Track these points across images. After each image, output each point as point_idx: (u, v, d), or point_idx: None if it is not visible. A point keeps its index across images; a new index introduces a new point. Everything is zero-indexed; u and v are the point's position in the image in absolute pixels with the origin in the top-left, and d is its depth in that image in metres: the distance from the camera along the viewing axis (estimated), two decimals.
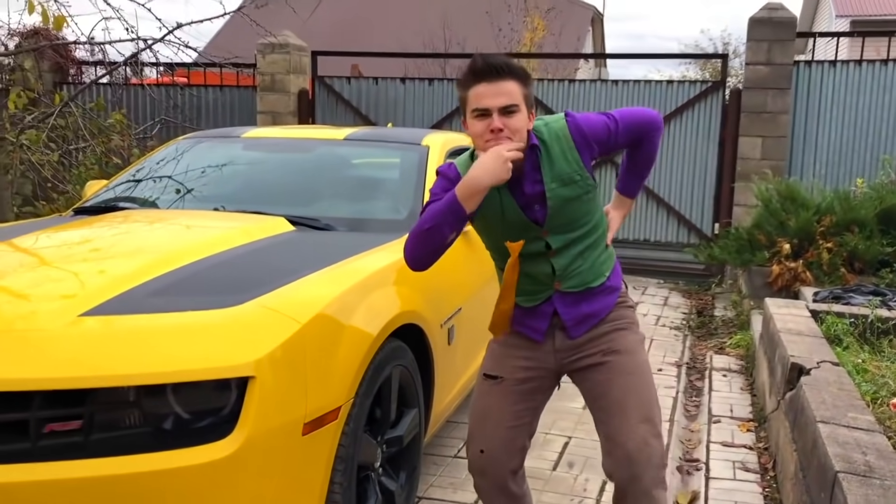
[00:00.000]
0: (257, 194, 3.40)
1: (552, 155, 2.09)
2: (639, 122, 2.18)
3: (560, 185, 2.09)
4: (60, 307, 2.09)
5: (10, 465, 1.86)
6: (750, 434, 3.76)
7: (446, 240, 2.06)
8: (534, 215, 2.11)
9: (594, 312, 2.20)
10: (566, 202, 2.10)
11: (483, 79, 2.01)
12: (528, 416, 2.26)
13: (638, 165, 2.29)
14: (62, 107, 5.99)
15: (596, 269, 2.20)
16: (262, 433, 1.92)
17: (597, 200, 2.20)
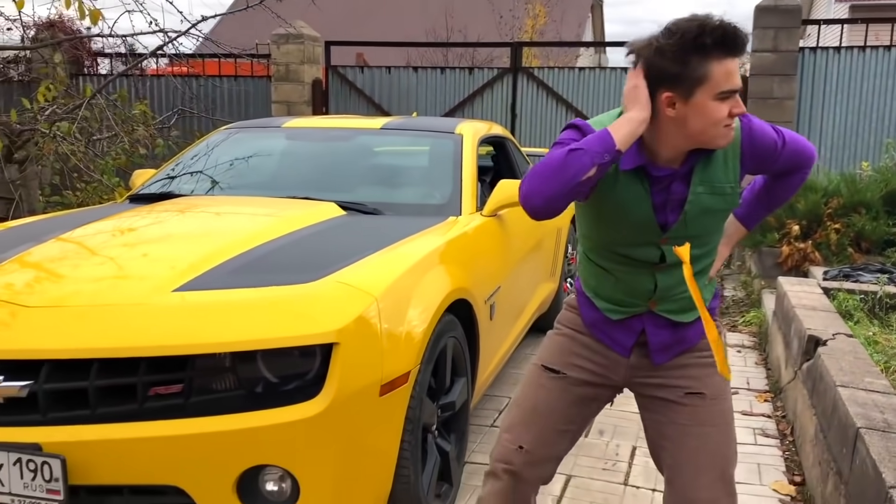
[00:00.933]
0: (304, 181, 3.59)
1: (712, 157, 1.78)
2: (801, 151, 1.91)
3: (708, 192, 1.79)
4: (155, 284, 2.29)
5: (121, 424, 2.08)
6: (767, 404, 3.99)
7: (586, 171, 1.62)
8: (663, 217, 1.81)
9: (684, 340, 1.93)
10: (704, 213, 1.80)
11: (735, 52, 1.65)
12: (578, 423, 2.02)
13: (774, 196, 2.00)
14: (91, 98, 6.17)
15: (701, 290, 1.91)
16: (346, 394, 2.13)
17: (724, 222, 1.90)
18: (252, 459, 2.08)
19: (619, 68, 8.09)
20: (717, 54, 1.62)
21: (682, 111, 1.67)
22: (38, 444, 2.04)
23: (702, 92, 1.64)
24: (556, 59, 16.53)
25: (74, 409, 2.11)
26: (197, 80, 8.71)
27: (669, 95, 1.66)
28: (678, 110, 1.67)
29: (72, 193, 6.99)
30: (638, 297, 1.90)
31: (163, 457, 2.06)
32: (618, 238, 1.85)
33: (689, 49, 1.62)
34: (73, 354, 2.09)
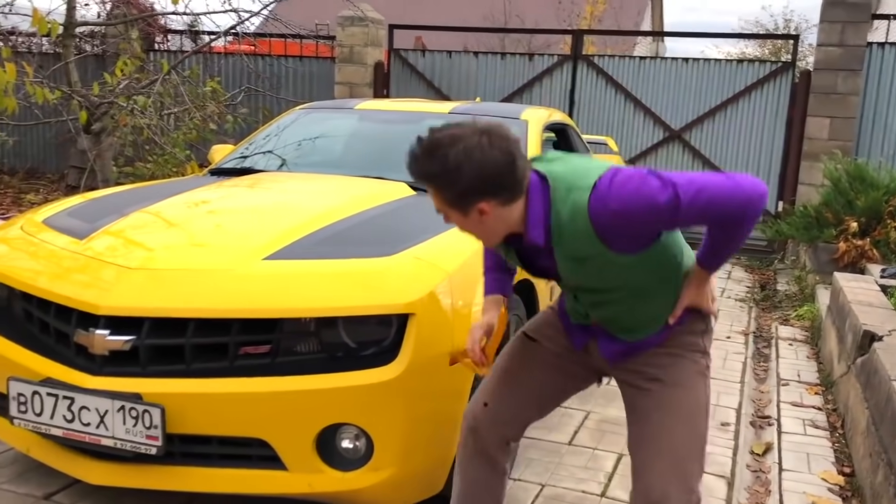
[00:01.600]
0: (377, 162, 3.75)
1: (563, 238, 1.74)
2: (721, 207, 1.65)
3: (573, 262, 1.77)
4: (246, 252, 2.47)
5: (213, 379, 2.26)
6: (818, 397, 4.04)
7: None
8: (543, 265, 1.85)
9: (636, 349, 1.94)
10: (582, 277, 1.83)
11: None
12: (550, 392, 2.08)
13: (718, 244, 1.80)
14: (166, 73, 6.42)
15: (645, 321, 1.90)
16: (419, 361, 2.28)
17: (653, 258, 1.80)
18: (331, 418, 2.25)
19: (680, 58, 8.08)
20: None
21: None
22: (139, 394, 2.24)
23: None
24: (613, 47, 16.43)
25: (172, 363, 2.30)
26: (264, 59, 8.94)
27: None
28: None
29: (144, 165, 7.28)
30: (579, 313, 1.99)
31: (250, 411, 2.25)
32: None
33: None
34: (172, 313, 2.28)
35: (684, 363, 1.92)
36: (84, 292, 2.37)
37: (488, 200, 1.67)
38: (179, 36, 9.68)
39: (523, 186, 1.71)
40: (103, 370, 2.30)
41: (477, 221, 1.72)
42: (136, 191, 3.40)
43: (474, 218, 1.71)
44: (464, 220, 1.73)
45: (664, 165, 8.18)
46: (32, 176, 9.79)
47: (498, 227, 1.74)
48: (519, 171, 1.68)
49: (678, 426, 1.85)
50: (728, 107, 7.91)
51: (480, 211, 1.69)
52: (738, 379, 4.30)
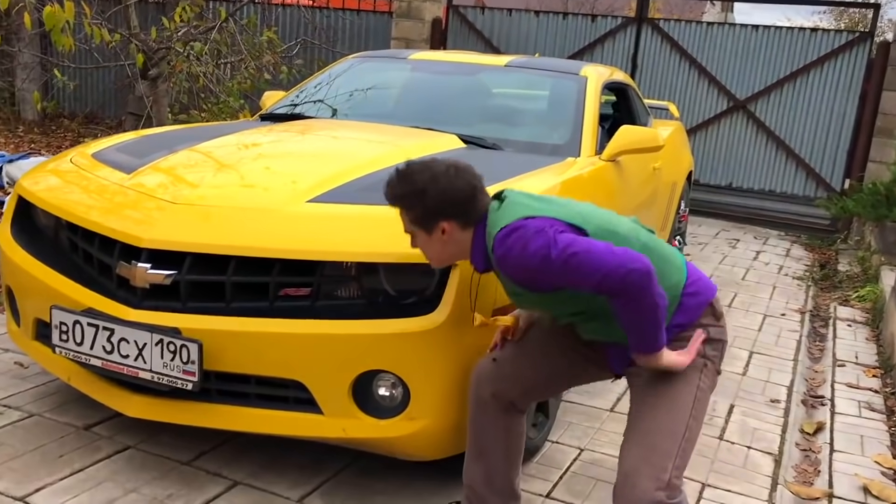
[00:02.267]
0: (428, 113, 3.66)
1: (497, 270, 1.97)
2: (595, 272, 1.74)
3: (513, 294, 2.00)
4: (290, 194, 2.43)
5: (252, 319, 2.23)
6: (876, 379, 3.87)
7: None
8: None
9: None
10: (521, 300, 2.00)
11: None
12: (560, 372, 2.15)
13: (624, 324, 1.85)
14: (224, 21, 6.39)
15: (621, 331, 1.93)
16: (459, 313, 2.21)
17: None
18: (369, 364, 2.20)
19: (749, 25, 7.76)
20: None
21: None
22: (177, 329, 2.22)
23: None
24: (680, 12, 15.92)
25: (212, 300, 2.28)
26: (321, 12, 8.86)
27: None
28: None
29: (198, 113, 7.31)
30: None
31: (288, 352, 2.21)
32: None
33: None
34: (214, 250, 2.25)
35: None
36: (127, 225, 2.35)
37: (449, 221, 1.92)
38: None
39: (480, 215, 1.95)
40: (143, 303, 2.29)
41: (438, 240, 1.95)
42: (185, 131, 3.38)
43: (437, 237, 1.94)
44: (427, 239, 1.96)
45: (726, 136, 7.90)
46: (92, 121, 9.94)
47: (454, 250, 1.98)
48: (478, 201, 1.94)
49: (659, 409, 1.90)
50: (798, 78, 7.58)
51: (442, 230, 1.93)
52: (792, 357, 4.14)
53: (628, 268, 1.73)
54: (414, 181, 1.91)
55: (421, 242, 1.98)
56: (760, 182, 7.87)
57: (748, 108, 7.78)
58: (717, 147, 7.99)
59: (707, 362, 1.97)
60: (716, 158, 8.02)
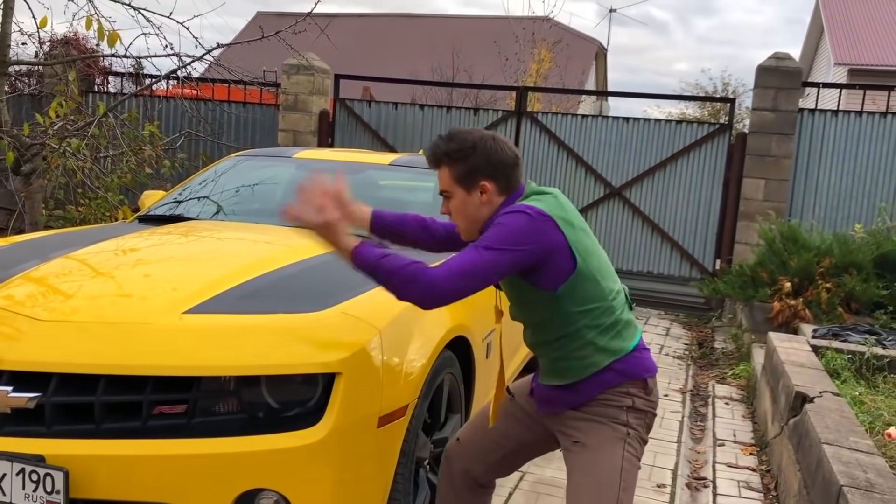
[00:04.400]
0: None
1: None
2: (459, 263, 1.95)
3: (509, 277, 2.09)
4: (165, 305, 2.35)
5: (124, 440, 2.12)
6: (752, 457, 4.03)
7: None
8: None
9: (562, 400, 2.12)
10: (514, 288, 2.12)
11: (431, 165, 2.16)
12: (515, 445, 2.29)
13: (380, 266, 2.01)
14: (103, 116, 6.26)
15: (565, 367, 2.10)
16: (345, 423, 2.18)
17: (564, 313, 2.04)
18: (250, 483, 2.12)
19: (621, 117, 8.25)
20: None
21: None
22: (41, 456, 2.08)
23: None
24: (559, 104, 16.78)
25: (80, 422, 2.16)
26: (206, 104, 8.83)
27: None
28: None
29: (75, 208, 7.05)
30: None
31: (163, 475, 2.11)
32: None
33: None
34: (82, 369, 2.14)
35: (602, 429, 2.05)
36: None
37: (491, 181, 2.06)
38: (120, 78, 9.53)
39: (515, 186, 2.11)
40: (3, 429, 2.14)
41: (476, 201, 2.07)
42: (61, 236, 3.25)
43: (475, 197, 2.07)
44: (465, 199, 2.08)
45: (604, 221, 8.27)
46: None
47: (487, 213, 2.09)
48: (518, 171, 2.11)
49: (594, 488, 1.99)
50: (667, 166, 8.07)
51: (483, 189, 2.07)
52: (675, 438, 4.27)
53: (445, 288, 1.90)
54: (464, 139, 2.07)
55: (456, 203, 2.09)
56: (639, 264, 8.24)
57: (623, 194, 8.20)
58: (596, 231, 8.33)
59: (630, 431, 2.06)
60: None
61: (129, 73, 8.80)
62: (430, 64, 17.83)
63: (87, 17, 5.14)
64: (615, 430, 2.05)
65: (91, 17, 5.13)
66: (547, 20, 17.46)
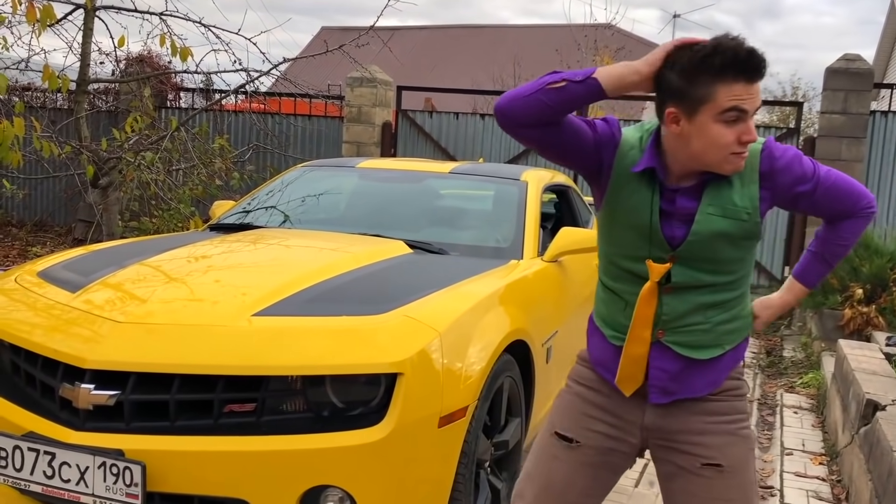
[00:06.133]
0: (375, 219, 3.75)
1: (728, 179, 1.71)
2: (847, 192, 1.77)
3: (719, 214, 1.70)
4: (235, 308, 2.46)
5: (197, 437, 2.22)
6: (822, 467, 3.94)
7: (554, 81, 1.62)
8: (670, 230, 1.72)
9: (690, 385, 1.78)
10: (717, 237, 1.70)
11: (747, 76, 1.58)
12: (598, 494, 1.88)
13: (827, 247, 1.85)
14: (175, 130, 6.52)
15: (716, 335, 1.77)
16: (407, 423, 2.23)
17: (753, 254, 1.78)
18: (316, 479, 2.20)
19: None
20: (726, 76, 1.57)
21: (686, 130, 1.63)
22: (121, 450, 2.20)
23: (705, 112, 1.59)
24: (622, 111, 16.64)
25: (155, 419, 2.27)
26: (273, 118, 9.08)
27: (673, 111, 1.63)
28: (682, 128, 1.63)
29: (149, 219, 7.34)
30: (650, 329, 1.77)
31: (233, 470, 2.20)
32: (629, 249, 1.76)
33: (697, 67, 1.58)
34: (158, 369, 2.26)
35: (739, 442, 1.78)
36: (71, 345, 2.35)
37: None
38: (191, 93, 9.87)
39: None
40: (86, 425, 2.27)
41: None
42: (135, 244, 3.41)
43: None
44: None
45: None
46: (41, 229, 9.87)
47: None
48: None
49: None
50: None
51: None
52: None
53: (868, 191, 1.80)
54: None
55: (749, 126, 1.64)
56: None
57: None
58: None
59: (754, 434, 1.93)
60: None
61: (199, 88, 9.11)
62: (491, 74, 17.92)
63: (160, 36, 5.38)
64: (746, 438, 1.79)
65: (164, 35, 5.37)
66: (609, 27, 17.35)
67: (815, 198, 1.76)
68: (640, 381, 1.78)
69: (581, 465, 1.84)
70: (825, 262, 1.89)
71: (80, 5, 6.05)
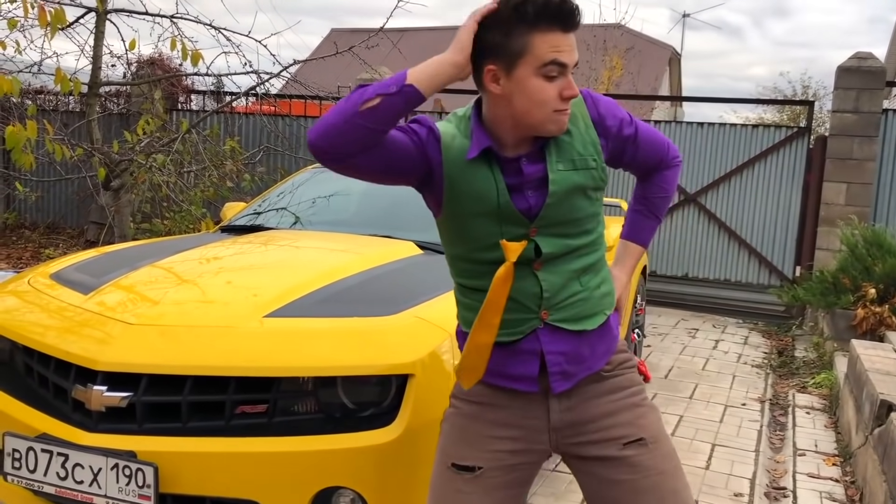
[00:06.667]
0: (386, 220, 3.76)
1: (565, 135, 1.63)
2: (659, 140, 1.81)
3: (570, 167, 1.61)
4: (247, 310, 2.47)
5: (209, 438, 2.23)
6: (835, 468, 3.92)
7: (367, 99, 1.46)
8: (524, 202, 1.61)
9: (586, 360, 1.68)
10: (571, 191, 1.61)
11: (561, 25, 1.50)
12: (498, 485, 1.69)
13: (653, 203, 1.86)
14: (186, 133, 6.54)
15: (595, 300, 1.69)
16: (418, 424, 2.23)
17: (601, 206, 1.72)
18: (327, 480, 2.20)
19: (695, 122, 8.12)
20: (541, 25, 1.48)
21: (507, 87, 1.53)
22: (133, 452, 2.21)
23: (524, 66, 1.50)
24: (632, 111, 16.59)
25: (168, 421, 2.28)
26: (283, 120, 9.10)
27: (492, 69, 1.53)
28: (503, 86, 1.53)
29: (161, 221, 7.37)
30: (526, 307, 1.63)
31: (245, 472, 2.21)
32: (484, 239, 1.62)
33: (511, 17, 1.49)
34: (170, 370, 2.26)
35: (649, 413, 1.71)
36: (83, 347, 2.36)
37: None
38: (202, 96, 9.90)
39: None
40: (99, 427, 2.28)
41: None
42: (147, 246, 3.42)
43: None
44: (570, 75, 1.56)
45: (680, 228, 8.14)
46: (53, 231, 9.94)
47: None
48: None
49: (675, 482, 1.66)
50: (744, 171, 7.90)
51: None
52: (753, 448, 4.18)
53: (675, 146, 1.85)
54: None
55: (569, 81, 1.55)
56: (715, 272, 8.07)
57: (699, 200, 8.06)
58: (671, 239, 8.21)
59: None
60: (671, 250, 8.23)
61: (210, 90, 9.14)
62: None
63: (171, 38, 5.40)
64: (652, 406, 1.73)
65: (175, 38, 5.40)
66: (619, 27, 17.30)
67: (637, 143, 1.74)
68: (481, 373, 1.64)
69: (491, 490, 1.67)
70: (653, 217, 1.88)
71: (92, 9, 6.08)
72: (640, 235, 1.89)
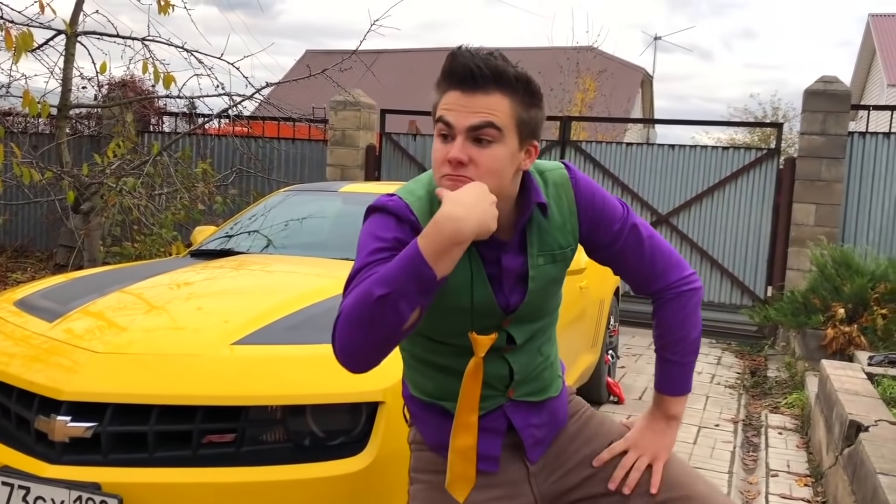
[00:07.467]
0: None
1: (548, 217, 1.54)
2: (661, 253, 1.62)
3: (548, 261, 1.55)
4: (216, 336, 2.44)
5: (175, 469, 2.19)
6: (807, 489, 3.93)
7: (404, 322, 1.33)
8: (504, 299, 1.52)
9: (552, 423, 1.67)
10: (548, 284, 1.56)
11: (457, 85, 1.41)
12: None
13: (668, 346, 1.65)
14: (157, 155, 6.49)
15: (552, 366, 1.68)
16: (389, 452, 2.21)
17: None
18: None
19: (666, 145, 8.21)
20: (442, 84, 1.44)
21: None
22: (98, 484, 2.16)
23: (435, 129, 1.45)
24: (605, 133, 16.75)
25: (134, 451, 2.23)
26: (256, 141, 9.07)
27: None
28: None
29: (131, 245, 7.28)
30: (493, 387, 1.58)
31: (213, 503, 2.16)
32: (452, 329, 1.52)
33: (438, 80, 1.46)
34: (136, 399, 2.23)
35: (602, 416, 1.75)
36: (47, 377, 2.32)
37: (537, 144, 1.49)
38: (174, 118, 9.84)
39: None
40: (62, 458, 2.23)
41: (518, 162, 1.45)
42: (117, 271, 3.38)
43: (520, 156, 1.45)
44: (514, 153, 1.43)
45: None
46: (22, 254, 9.78)
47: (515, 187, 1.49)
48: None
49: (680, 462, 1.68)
50: (715, 192, 7.99)
51: (532, 149, 1.48)
52: (727, 469, 4.19)
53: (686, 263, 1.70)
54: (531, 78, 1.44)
55: (501, 153, 1.40)
56: None
57: (671, 221, 8.13)
58: None
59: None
60: None
61: (182, 112, 9.09)
62: None
63: (143, 61, 5.37)
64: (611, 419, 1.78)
65: (147, 60, 5.36)
66: (591, 49, 17.50)
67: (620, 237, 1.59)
68: (473, 481, 1.55)
69: None
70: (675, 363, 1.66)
71: (62, 31, 6.03)
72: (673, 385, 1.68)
